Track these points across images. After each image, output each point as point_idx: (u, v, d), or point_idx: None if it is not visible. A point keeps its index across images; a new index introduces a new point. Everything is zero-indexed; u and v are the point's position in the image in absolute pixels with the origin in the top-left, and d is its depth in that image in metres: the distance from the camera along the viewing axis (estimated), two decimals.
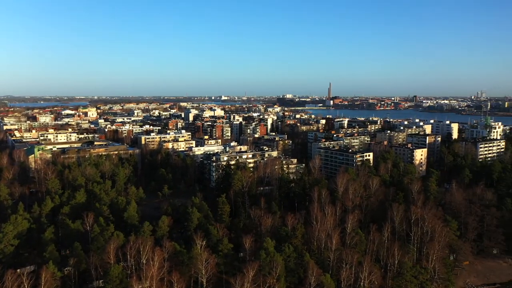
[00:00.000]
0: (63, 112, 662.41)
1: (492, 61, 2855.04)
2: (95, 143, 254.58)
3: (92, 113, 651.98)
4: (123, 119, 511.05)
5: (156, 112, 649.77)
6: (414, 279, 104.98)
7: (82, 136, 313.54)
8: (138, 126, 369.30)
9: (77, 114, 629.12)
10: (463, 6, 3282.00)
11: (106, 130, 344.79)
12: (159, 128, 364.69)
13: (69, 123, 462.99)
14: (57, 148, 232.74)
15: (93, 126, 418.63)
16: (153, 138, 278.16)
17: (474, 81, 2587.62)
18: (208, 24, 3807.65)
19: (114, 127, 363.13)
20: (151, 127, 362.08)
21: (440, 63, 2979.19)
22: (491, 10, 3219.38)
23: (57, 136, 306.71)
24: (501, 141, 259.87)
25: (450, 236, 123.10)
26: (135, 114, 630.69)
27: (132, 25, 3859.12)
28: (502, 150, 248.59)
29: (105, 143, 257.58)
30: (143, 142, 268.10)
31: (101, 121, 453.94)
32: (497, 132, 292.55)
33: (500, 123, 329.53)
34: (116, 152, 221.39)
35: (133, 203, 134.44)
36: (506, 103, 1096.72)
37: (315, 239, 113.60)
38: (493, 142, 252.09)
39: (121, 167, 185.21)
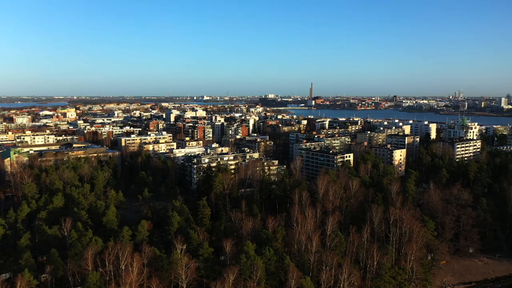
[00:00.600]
0: (41, 113, 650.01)
1: (469, 62, 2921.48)
2: (74, 145, 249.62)
3: (71, 113, 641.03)
4: (103, 120, 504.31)
5: (137, 113, 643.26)
6: (392, 280, 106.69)
7: (60, 138, 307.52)
8: (118, 128, 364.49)
9: (56, 115, 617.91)
10: (442, 7, 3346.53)
11: (85, 131, 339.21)
12: (140, 129, 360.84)
13: (47, 124, 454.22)
14: (34, 151, 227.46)
15: (72, 127, 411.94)
16: (134, 140, 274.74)
17: (452, 81, 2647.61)
18: (190, 24, 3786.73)
19: (93, 128, 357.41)
20: (132, 128, 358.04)
21: (419, 63, 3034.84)
22: (468, 12, 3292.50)
23: (34, 138, 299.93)
24: (477, 141, 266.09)
25: (428, 236, 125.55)
26: (116, 114, 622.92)
27: (112, 25, 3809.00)
28: (478, 150, 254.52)
29: (84, 145, 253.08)
30: (123, 144, 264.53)
31: (80, 122, 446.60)
32: (473, 132, 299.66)
33: (476, 124, 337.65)
34: (95, 155, 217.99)
35: (112, 208, 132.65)
36: (483, 103, 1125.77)
37: (295, 241, 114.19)
38: (470, 142, 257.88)
39: (100, 170, 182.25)
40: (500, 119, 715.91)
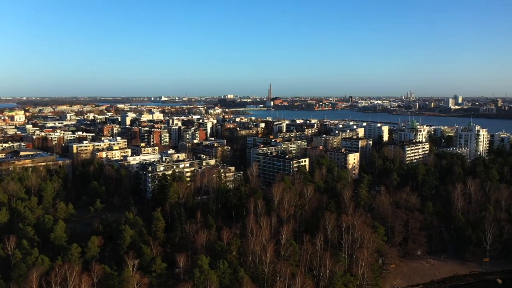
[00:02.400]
0: None
1: (419, 62, 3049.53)
2: (21, 153, 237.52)
3: (20, 117, 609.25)
4: (54, 123, 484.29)
5: (91, 116, 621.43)
6: (344, 287, 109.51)
7: (6, 145, 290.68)
8: (70, 132, 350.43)
9: (2, 118, 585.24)
10: (394, 9, 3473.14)
11: (34, 137, 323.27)
12: (93, 134, 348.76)
13: None
14: None
15: (20, 132, 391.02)
16: (86, 146, 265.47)
17: (405, 81, 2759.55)
18: (146, 22, 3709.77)
19: (43, 133, 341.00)
20: (84, 133, 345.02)
21: (373, 64, 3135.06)
22: (418, 14, 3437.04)
23: None
24: (426, 143, 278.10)
25: (378, 241, 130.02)
26: (68, 117, 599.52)
27: (63, 22, 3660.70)
28: (427, 152, 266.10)
29: (32, 153, 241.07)
30: (74, 151, 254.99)
31: (29, 126, 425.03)
32: (422, 134, 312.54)
33: (425, 126, 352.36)
34: (44, 164, 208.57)
35: (60, 223, 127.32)
36: (432, 103, 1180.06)
37: (250, 252, 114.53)
38: (419, 145, 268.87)
39: (49, 180, 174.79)
40: (448, 119, 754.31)
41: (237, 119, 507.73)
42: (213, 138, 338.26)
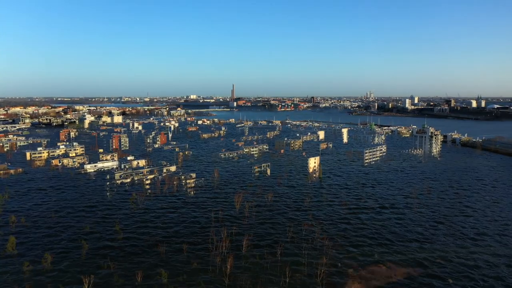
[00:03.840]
0: None
1: (379, 62, 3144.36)
2: None
3: None
4: (7, 127, 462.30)
5: (47, 119, 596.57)
6: None
7: None
8: (23, 138, 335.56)
9: None
10: (356, 9, 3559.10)
11: None
12: (48, 139, 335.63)
13: None
14: None
15: None
16: (40, 153, 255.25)
17: (364, 81, 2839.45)
18: (105, 21, 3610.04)
19: None
20: (39, 139, 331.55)
21: (334, 64, 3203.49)
22: (378, 16, 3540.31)
23: None
24: (383, 146, 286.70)
25: (337, 247, 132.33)
26: (22, 120, 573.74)
27: (16, 16, 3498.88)
28: (384, 154, 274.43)
29: None
30: (28, 158, 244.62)
31: None
32: (380, 137, 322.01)
33: (382, 129, 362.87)
34: None
35: (11, 239, 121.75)
36: (390, 104, 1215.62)
37: (210, 264, 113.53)
38: (377, 147, 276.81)
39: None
40: (405, 119, 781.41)
41: (200, 122, 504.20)
42: (174, 143, 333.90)
